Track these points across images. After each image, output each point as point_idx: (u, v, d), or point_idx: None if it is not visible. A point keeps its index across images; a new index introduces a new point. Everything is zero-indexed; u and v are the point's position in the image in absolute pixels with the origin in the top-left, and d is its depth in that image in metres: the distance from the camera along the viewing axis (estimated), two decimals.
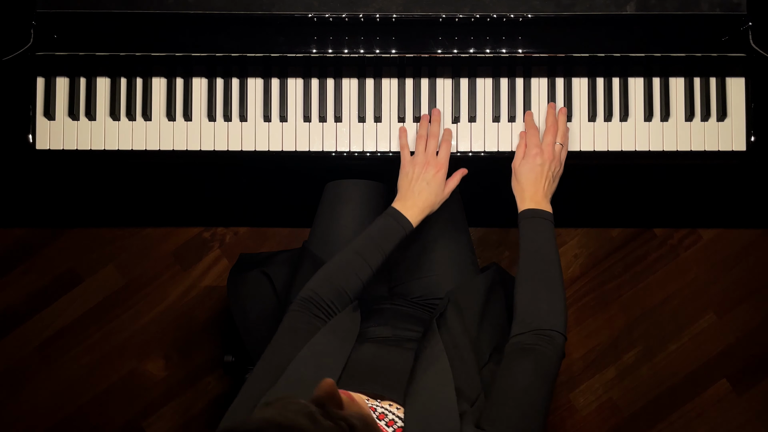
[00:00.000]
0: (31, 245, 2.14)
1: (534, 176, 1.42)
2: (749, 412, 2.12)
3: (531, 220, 1.38)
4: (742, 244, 2.14)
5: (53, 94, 1.53)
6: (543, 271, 1.31)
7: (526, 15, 1.42)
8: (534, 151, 1.44)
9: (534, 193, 1.41)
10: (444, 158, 1.45)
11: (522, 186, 1.42)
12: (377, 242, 1.37)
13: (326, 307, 1.29)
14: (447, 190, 1.45)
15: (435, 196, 1.43)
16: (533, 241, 1.35)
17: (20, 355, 2.13)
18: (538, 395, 1.15)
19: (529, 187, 1.41)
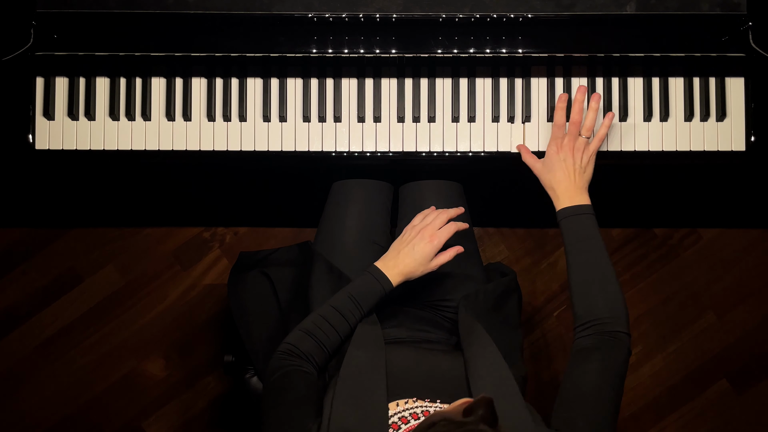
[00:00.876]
0: (31, 245, 2.14)
1: (561, 173, 1.40)
2: (749, 412, 2.12)
3: (569, 219, 1.36)
4: (742, 244, 2.14)
5: (53, 94, 1.53)
6: (593, 269, 1.30)
7: (526, 15, 1.42)
8: (553, 149, 1.42)
9: (566, 189, 1.38)
10: (442, 235, 1.39)
11: (551, 185, 1.40)
12: (356, 300, 1.34)
13: (307, 358, 1.29)
14: (434, 263, 1.39)
15: (418, 266, 1.38)
16: (578, 240, 1.33)
17: (20, 355, 2.13)
18: (608, 395, 1.15)
19: (558, 185, 1.39)
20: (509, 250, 2.14)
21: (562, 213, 1.37)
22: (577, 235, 1.34)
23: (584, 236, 1.33)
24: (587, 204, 1.38)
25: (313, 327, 1.31)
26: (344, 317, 1.33)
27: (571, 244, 1.33)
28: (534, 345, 2.13)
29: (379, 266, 1.38)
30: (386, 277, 1.36)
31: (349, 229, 1.56)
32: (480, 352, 1.23)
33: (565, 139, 1.43)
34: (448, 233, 1.39)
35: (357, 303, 1.34)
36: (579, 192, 1.38)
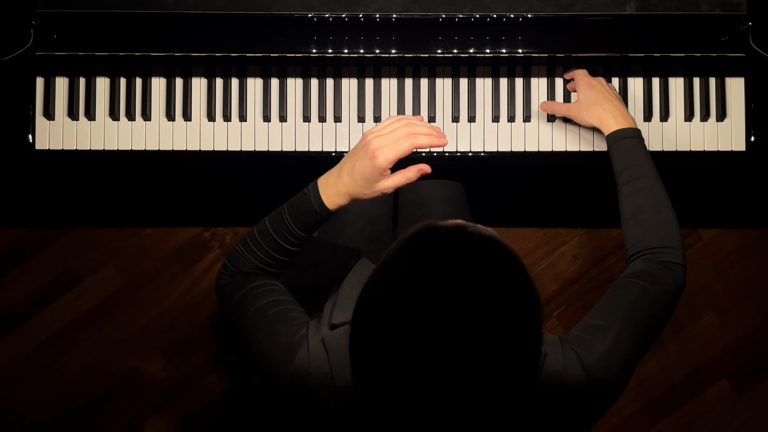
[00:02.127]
0: (31, 245, 2.14)
1: (602, 94, 1.39)
2: (749, 412, 2.12)
3: (619, 143, 1.30)
4: (742, 244, 2.13)
5: (53, 94, 1.53)
6: (644, 197, 1.24)
7: (526, 15, 1.42)
8: (586, 80, 1.42)
9: (614, 109, 1.36)
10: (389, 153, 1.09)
11: (598, 114, 1.37)
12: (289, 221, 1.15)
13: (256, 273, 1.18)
14: (381, 186, 1.11)
15: (357, 186, 1.11)
16: (628, 167, 1.27)
17: (20, 355, 2.13)
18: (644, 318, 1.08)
19: (605, 105, 1.36)
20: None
21: (612, 136, 1.32)
22: (628, 160, 1.28)
23: (635, 162, 1.28)
24: (636, 128, 1.33)
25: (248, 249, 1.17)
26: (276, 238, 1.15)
27: (622, 171, 1.28)
28: None
29: (319, 182, 1.14)
30: (319, 198, 1.13)
31: (351, 229, 1.56)
32: None
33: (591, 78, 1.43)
34: (396, 153, 1.09)
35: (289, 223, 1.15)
36: (623, 115, 1.36)
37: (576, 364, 1.02)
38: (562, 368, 1.01)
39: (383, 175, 1.10)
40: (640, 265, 1.17)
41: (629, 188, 1.26)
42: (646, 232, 1.20)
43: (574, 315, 2.13)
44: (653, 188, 1.25)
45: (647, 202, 1.23)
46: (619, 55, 1.48)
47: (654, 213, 1.22)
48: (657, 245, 1.19)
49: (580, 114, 1.42)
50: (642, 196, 1.24)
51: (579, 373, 1.01)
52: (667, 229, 1.21)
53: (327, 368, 1.01)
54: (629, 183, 1.26)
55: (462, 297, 0.78)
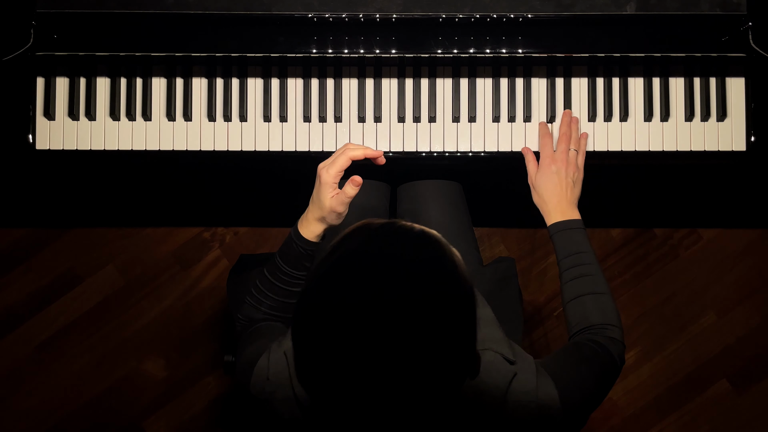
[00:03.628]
0: (31, 245, 2.14)
1: (552, 185, 1.39)
2: (749, 412, 2.12)
3: (562, 233, 1.34)
4: (742, 244, 2.14)
5: (53, 94, 1.53)
6: (586, 284, 1.29)
7: (526, 15, 1.42)
8: (547, 161, 1.41)
9: (558, 203, 1.37)
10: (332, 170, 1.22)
11: (543, 198, 1.39)
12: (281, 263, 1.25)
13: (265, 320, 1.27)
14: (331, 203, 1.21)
15: (318, 210, 1.22)
16: (569, 255, 1.32)
17: (20, 355, 2.13)
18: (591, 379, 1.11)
19: (551, 198, 1.38)
20: (509, 250, 2.14)
21: (554, 227, 1.35)
22: (570, 249, 1.32)
23: (576, 251, 1.32)
24: (578, 219, 1.36)
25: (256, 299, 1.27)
26: (275, 282, 1.24)
27: (564, 258, 1.32)
28: (534, 345, 2.13)
29: (298, 221, 1.26)
30: (299, 232, 1.23)
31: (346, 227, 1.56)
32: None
33: (557, 152, 1.42)
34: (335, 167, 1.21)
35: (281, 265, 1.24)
36: (570, 206, 1.37)
37: (551, 389, 1.03)
38: (534, 389, 1.02)
39: (334, 195, 1.21)
40: (584, 337, 1.21)
41: (570, 275, 1.30)
42: (588, 312, 1.25)
43: None
44: (592, 275, 1.29)
45: (587, 287, 1.28)
46: (620, 55, 1.48)
47: (594, 297, 1.27)
48: (599, 323, 1.23)
49: (534, 187, 1.43)
50: (583, 282, 1.29)
51: (552, 398, 1.03)
52: (608, 310, 1.25)
53: (287, 374, 1.04)
54: (569, 270, 1.30)
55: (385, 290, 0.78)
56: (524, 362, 1.06)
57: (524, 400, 1.01)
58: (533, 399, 1.01)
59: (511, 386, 1.01)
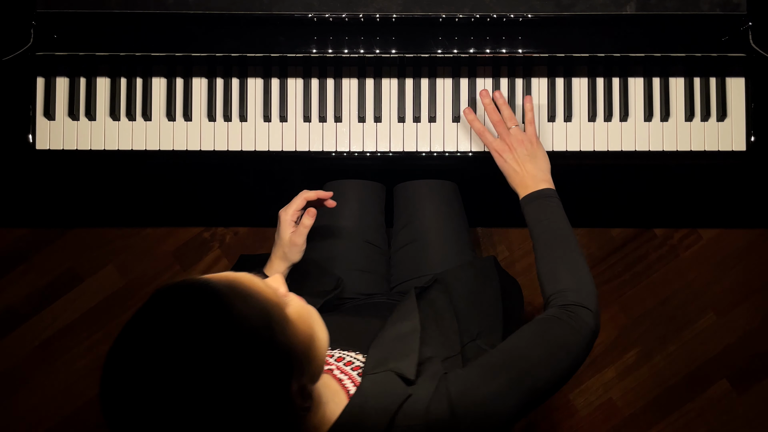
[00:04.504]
0: (31, 245, 2.14)
1: (512, 171, 1.39)
2: (749, 412, 2.12)
3: (530, 204, 1.34)
4: (742, 244, 2.14)
5: (53, 94, 1.53)
6: (559, 249, 1.26)
7: (526, 15, 1.42)
8: (495, 155, 1.41)
9: (521, 180, 1.37)
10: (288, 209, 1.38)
11: (511, 182, 1.40)
12: None
13: None
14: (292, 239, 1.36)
15: (277, 247, 1.38)
16: (540, 222, 1.30)
17: (20, 355, 2.13)
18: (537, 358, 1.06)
19: (514, 179, 1.38)
20: (509, 250, 2.14)
21: (522, 203, 1.35)
22: (537, 217, 1.31)
23: (548, 218, 1.30)
24: (543, 188, 1.34)
25: None
26: None
27: (532, 227, 1.31)
28: None
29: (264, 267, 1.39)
30: (264, 275, 1.35)
31: (342, 229, 1.56)
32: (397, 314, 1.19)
33: (498, 140, 1.42)
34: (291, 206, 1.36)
35: None
36: (534, 179, 1.36)
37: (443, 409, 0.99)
38: (425, 411, 0.99)
39: (293, 231, 1.36)
40: (550, 311, 1.17)
41: (543, 243, 1.28)
42: (556, 279, 1.22)
43: None
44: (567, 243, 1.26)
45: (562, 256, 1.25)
46: (619, 55, 1.48)
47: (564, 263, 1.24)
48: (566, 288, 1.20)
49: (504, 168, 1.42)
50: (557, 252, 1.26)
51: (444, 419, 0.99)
52: (578, 276, 1.22)
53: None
54: (543, 238, 1.28)
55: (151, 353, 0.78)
56: (427, 381, 1.02)
57: (412, 423, 0.98)
58: (421, 422, 0.98)
59: (401, 409, 0.99)
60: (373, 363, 1.05)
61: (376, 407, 0.98)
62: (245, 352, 0.79)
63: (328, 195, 1.39)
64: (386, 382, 1.02)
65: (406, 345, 1.09)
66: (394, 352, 1.07)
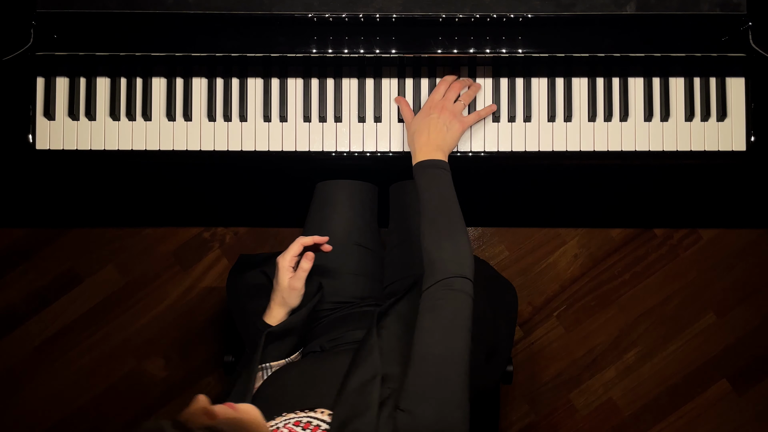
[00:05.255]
0: (31, 245, 2.14)
1: (424, 126, 1.41)
2: (749, 412, 2.12)
3: (423, 170, 1.35)
4: (742, 244, 2.14)
5: (53, 94, 1.53)
6: (442, 219, 1.29)
7: (526, 15, 1.42)
8: (428, 104, 1.44)
9: (424, 144, 1.39)
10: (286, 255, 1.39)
11: (414, 138, 1.41)
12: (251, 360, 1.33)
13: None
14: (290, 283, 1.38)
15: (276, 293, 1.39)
16: (427, 191, 1.33)
17: (20, 355, 2.13)
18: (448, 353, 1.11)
19: (419, 139, 1.40)
20: (509, 250, 2.15)
21: (416, 166, 1.37)
22: (429, 186, 1.33)
23: (437, 188, 1.33)
24: (442, 160, 1.37)
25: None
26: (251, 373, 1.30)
27: (422, 193, 1.33)
28: (534, 345, 2.13)
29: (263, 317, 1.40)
30: (264, 322, 1.38)
31: (333, 232, 1.56)
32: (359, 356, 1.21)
33: (442, 99, 1.45)
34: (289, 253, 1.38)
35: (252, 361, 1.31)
36: (436, 149, 1.39)
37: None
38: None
39: (292, 276, 1.38)
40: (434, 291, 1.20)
41: (429, 212, 1.30)
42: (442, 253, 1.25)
43: (574, 315, 2.13)
44: (451, 214, 1.30)
45: (445, 225, 1.28)
46: (619, 55, 1.48)
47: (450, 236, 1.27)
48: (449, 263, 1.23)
49: (407, 131, 1.46)
50: (440, 222, 1.29)
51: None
52: (460, 246, 1.25)
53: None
54: (429, 206, 1.31)
55: None
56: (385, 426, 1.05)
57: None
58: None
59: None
60: (338, 424, 1.07)
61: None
62: None
63: (323, 240, 1.41)
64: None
65: (367, 396, 1.10)
66: (356, 407, 1.09)
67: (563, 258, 2.14)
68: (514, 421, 2.12)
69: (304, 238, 1.40)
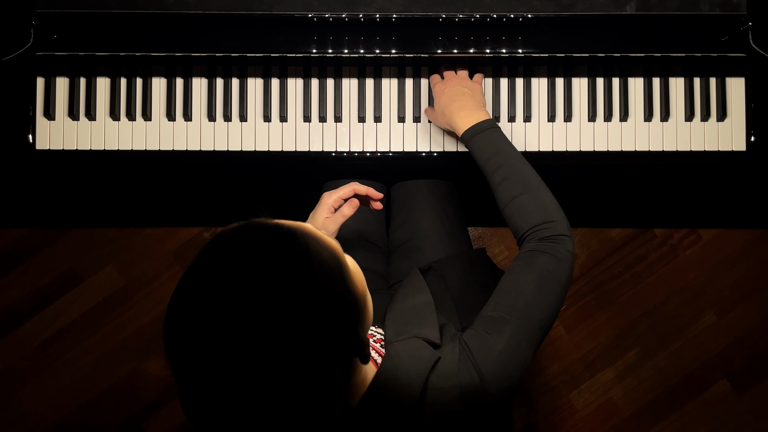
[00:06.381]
0: (31, 245, 2.14)
1: (449, 98, 1.40)
2: (749, 412, 2.12)
3: (473, 139, 1.32)
4: (742, 244, 2.14)
5: (53, 94, 1.53)
6: (518, 183, 1.24)
7: (526, 15, 1.42)
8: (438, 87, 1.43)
9: (459, 109, 1.37)
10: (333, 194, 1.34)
11: (446, 115, 1.39)
12: None
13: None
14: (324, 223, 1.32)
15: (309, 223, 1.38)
16: (489, 158, 1.28)
17: (20, 355, 2.13)
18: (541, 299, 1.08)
19: (452, 109, 1.38)
20: (509, 250, 2.14)
21: (465, 136, 1.33)
22: (487, 153, 1.29)
23: (494, 151, 1.29)
24: (487, 119, 1.34)
25: None
26: None
27: (485, 164, 1.29)
28: None
29: None
30: None
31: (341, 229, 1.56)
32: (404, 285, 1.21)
33: (446, 78, 1.45)
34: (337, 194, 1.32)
35: None
36: (473, 110, 1.36)
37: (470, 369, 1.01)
38: (456, 373, 1.00)
39: (329, 216, 1.30)
40: (529, 245, 1.17)
41: (497, 177, 1.26)
42: (526, 214, 1.21)
43: (574, 315, 2.13)
44: (520, 170, 1.25)
45: (518, 185, 1.24)
46: (619, 55, 1.48)
47: (528, 193, 1.23)
48: (539, 222, 1.19)
49: (437, 122, 1.45)
50: (511, 181, 1.25)
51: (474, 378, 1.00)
52: (545, 204, 1.21)
53: None
54: (495, 172, 1.27)
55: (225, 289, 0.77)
56: (450, 344, 1.04)
57: (445, 385, 0.99)
58: (454, 384, 0.99)
59: (433, 371, 0.99)
60: (393, 332, 1.06)
61: (408, 371, 0.99)
62: (323, 293, 0.79)
63: (378, 196, 1.34)
64: (414, 347, 1.02)
65: (424, 314, 1.09)
66: (413, 321, 1.08)
67: None
68: (514, 421, 2.12)
69: (359, 185, 1.33)
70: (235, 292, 0.77)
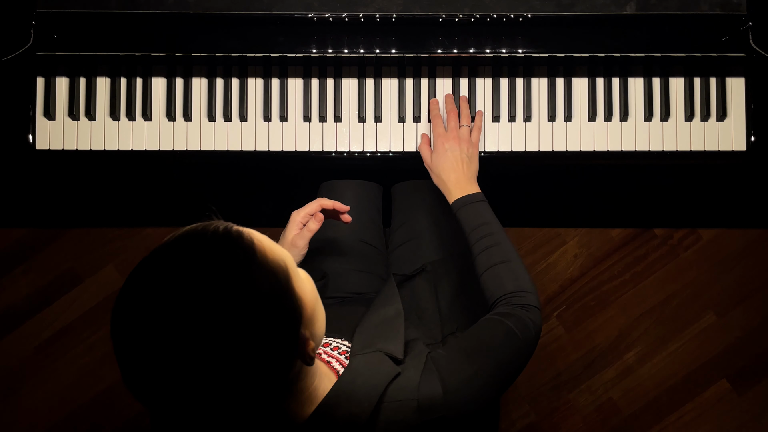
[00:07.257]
0: (31, 245, 2.14)
1: (448, 164, 1.40)
2: (749, 412, 2.12)
3: (464, 208, 1.35)
4: (742, 244, 2.14)
5: (53, 94, 1.53)
6: (495, 253, 1.28)
7: (526, 15, 1.42)
8: (440, 140, 1.42)
9: (457, 181, 1.38)
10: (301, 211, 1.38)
11: (442, 178, 1.40)
12: None
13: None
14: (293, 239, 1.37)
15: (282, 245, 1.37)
16: (476, 227, 1.32)
17: (20, 355, 2.13)
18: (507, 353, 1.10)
19: (449, 177, 1.39)
20: None
21: (456, 204, 1.36)
22: (475, 222, 1.33)
23: (481, 222, 1.32)
24: (478, 192, 1.37)
25: None
26: None
27: (471, 232, 1.32)
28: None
29: None
30: None
31: (339, 228, 1.57)
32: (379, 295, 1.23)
33: (448, 131, 1.44)
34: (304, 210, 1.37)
35: None
36: (469, 182, 1.38)
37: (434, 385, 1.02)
38: (416, 387, 1.01)
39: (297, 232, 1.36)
40: (501, 308, 1.21)
41: (480, 245, 1.30)
42: (502, 281, 1.25)
43: (574, 315, 2.13)
44: (500, 244, 1.29)
45: (498, 256, 1.28)
46: (620, 55, 1.48)
47: (506, 264, 1.27)
48: (513, 290, 1.23)
49: (431, 169, 1.44)
50: (493, 251, 1.29)
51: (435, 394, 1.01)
52: (520, 276, 1.26)
53: None
54: (479, 241, 1.30)
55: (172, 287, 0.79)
56: (415, 359, 1.05)
57: (403, 398, 1.00)
58: (413, 397, 1.00)
59: (391, 385, 1.01)
60: (360, 345, 1.07)
61: (365, 384, 1.00)
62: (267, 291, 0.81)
63: (345, 209, 1.39)
64: (375, 361, 1.04)
65: (392, 328, 1.11)
66: (380, 334, 1.10)
67: (563, 258, 2.14)
68: (514, 421, 2.12)
69: (325, 200, 1.38)
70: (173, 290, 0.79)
